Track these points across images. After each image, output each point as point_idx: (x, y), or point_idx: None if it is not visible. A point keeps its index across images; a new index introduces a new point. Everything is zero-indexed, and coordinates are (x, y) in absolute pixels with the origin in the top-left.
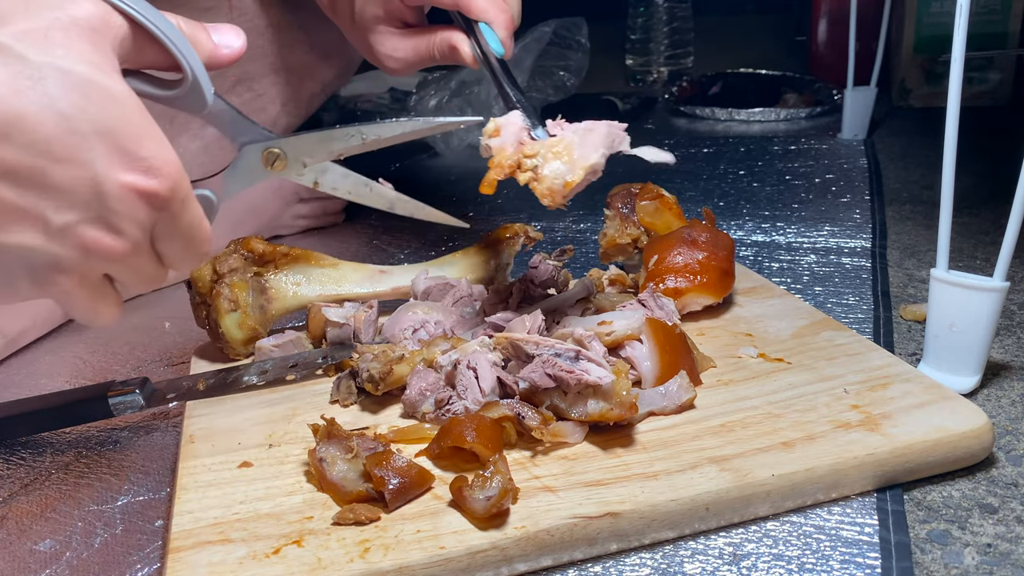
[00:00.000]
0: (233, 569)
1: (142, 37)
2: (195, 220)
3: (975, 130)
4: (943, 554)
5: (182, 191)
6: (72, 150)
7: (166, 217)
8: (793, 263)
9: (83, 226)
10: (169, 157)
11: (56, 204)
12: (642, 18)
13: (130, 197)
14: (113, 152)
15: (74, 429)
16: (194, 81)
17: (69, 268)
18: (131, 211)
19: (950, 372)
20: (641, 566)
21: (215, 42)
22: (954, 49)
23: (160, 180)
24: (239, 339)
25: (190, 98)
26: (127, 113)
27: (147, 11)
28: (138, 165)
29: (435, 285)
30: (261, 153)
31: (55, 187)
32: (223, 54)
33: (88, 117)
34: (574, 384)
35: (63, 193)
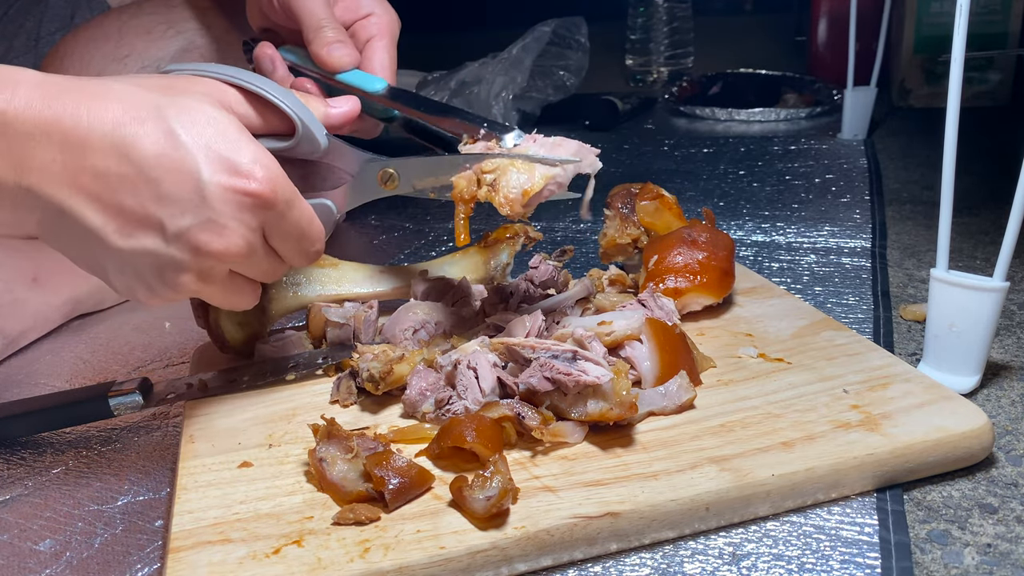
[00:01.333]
0: (233, 569)
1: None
2: (304, 219)
3: (975, 130)
4: (943, 554)
5: (284, 192)
6: (179, 162)
7: (273, 216)
8: (793, 263)
9: (195, 230)
10: (266, 162)
11: (170, 211)
12: (642, 18)
13: (233, 199)
14: (214, 161)
15: (74, 429)
16: (305, 130)
17: (189, 268)
18: (236, 212)
19: (950, 372)
20: (641, 566)
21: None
22: (954, 49)
23: (259, 182)
24: (239, 339)
25: (307, 144)
26: (226, 129)
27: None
28: (237, 170)
29: (435, 285)
30: (377, 172)
31: (167, 195)
32: (334, 113)
33: (192, 133)
34: (572, 386)
35: (175, 200)
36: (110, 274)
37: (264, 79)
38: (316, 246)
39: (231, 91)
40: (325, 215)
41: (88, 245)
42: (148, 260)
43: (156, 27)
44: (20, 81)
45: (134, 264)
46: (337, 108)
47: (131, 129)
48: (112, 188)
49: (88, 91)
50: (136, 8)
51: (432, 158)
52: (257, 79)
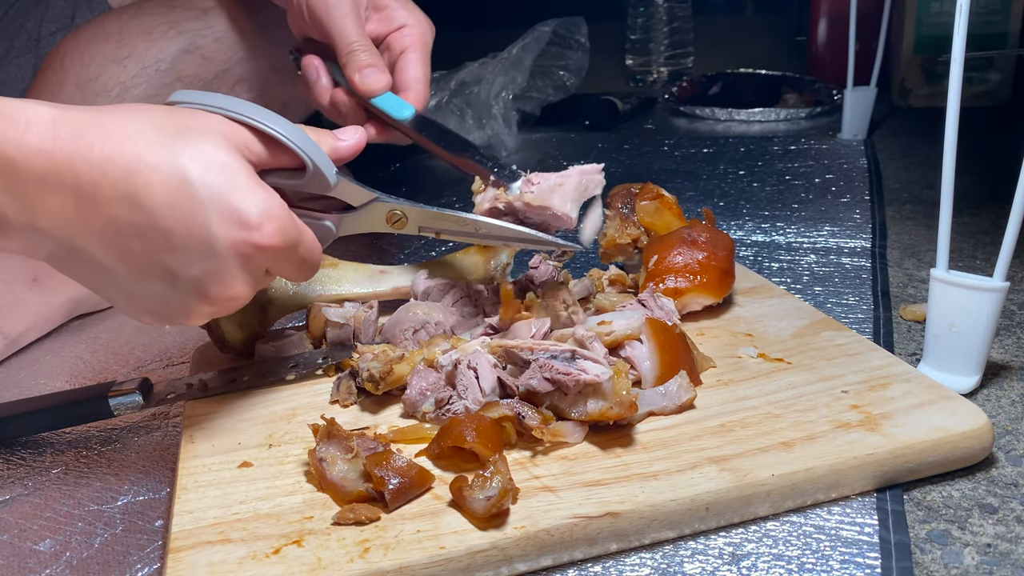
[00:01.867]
0: (233, 569)
1: (271, 142)
2: (306, 253)
3: (975, 130)
4: (943, 554)
5: (291, 237)
6: (191, 213)
7: (279, 260)
8: (793, 263)
9: (204, 281)
10: (275, 212)
11: (180, 261)
12: (642, 18)
13: (241, 252)
14: (224, 212)
15: (74, 429)
16: (315, 169)
17: (194, 310)
18: (243, 264)
19: (950, 372)
20: (641, 566)
21: (337, 138)
22: (954, 49)
23: (267, 236)
24: (239, 339)
25: (317, 182)
26: (237, 177)
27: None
28: (246, 223)
29: (435, 285)
30: (386, 213)
31: (178, 247)
32: (342, 147)
33: (205, 183)
34: (572, 385)
35: (184, 252)
36: (117, 301)
37: (274, 115)
38: (314, 269)
39: (243, 130)
40: (324, 235)
41: (98, 277)
42: (156, 299)
43: (157, 27)
44: (32, 121)
45: (142, 299)
46: (345, 141)
47: (144, 177)
48: (124, 236)
49: (102, 131)
50: (137, 8)
51: (439, 212)
52: (267, 115)
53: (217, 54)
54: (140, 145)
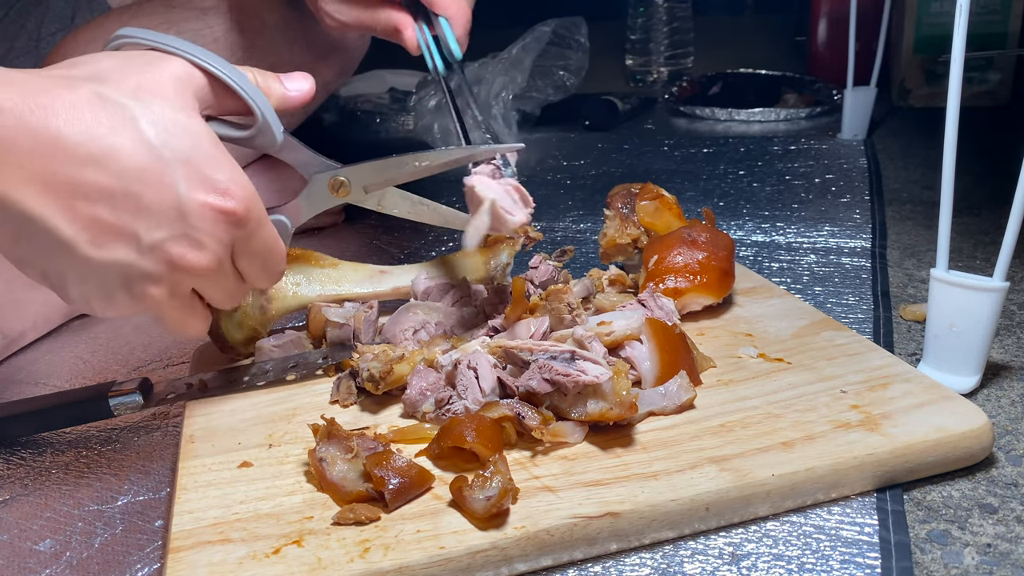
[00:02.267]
0: (233, 569)
1: (219, 88)
2: (270, 240)
3: (975, 130)
4: (943, 554)
5: (256, 211)
6: (159, 175)
7: (243, 235)
8: (793, 263)
9: (170, 243)
10: (241, 181)
11: (147, 223)
12: (642, 18)
13: (209, 215)
14: (193, 177)
15: (74, 429)
16: (264, 122)
17: (159, 280)
18: (211, 228)
19: (950, 372)
20: (641, 566)
21: (286, 87)
22: (954, 49)
23: (235, 201)
24: (239, 339)
25: (262, 137)
26: (204, 144)
27: (222, 65)
28: (214, 187)
29: (435, 285)
30: (327, 181)
31: (146, 208)
32: (292, 96)
33: (172, 147)
34: (572, 386)
35: (152, 213)
36: (69, 284)
37: (221, 60)
38: (280, 266)
39: (196, 73)
40: (282, 231)
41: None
42: (117, 271)
43: (156, 28)
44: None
45: (101, 275)
46: (295, 88)
47: (108, 141)
48: (88, 198)
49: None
50: (136, 9)
51: (374, 161)
52: (215, 59)
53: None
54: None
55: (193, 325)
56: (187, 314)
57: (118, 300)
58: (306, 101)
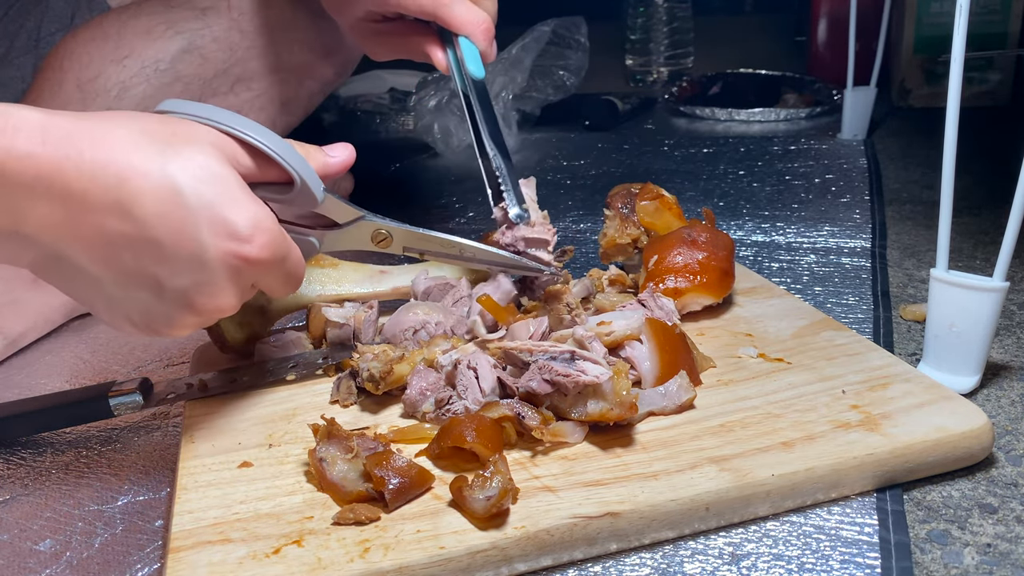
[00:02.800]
0: (233, 569)
1: (259, 156)
2: (293, 267)
3: (975, 130)
4: (943, 554)
5: (280, 251)
6: (181, 223)
7: (267, 273)
8: (793, 263)
9: (192, 291)
10: (265, 224)
11: (169, 271)
12: (642, 18)
13: (230, 263)
14: (214, 223)
15: (74, 429)
16: (303, 185)
17: (179, 321)
18: (232, 276)
19: (950, 372)
20: (641, 566)
21: (327, 154)
22: (954, 49)
23: (257, 248)
24: (239, 339)
25: (304, 198)
26: (227, 187)
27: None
28: (237, 235)
29: (435, 285)
30: (371, 232)
31: (167, 257)
32: (332, 163)
33: (199, 193)
34: (572, 387)
35: (174, 262)
36: (99, 309)
37: (263, 129)
38: (298, 284)
39: (232, 142)
40: (308, 250)
41: (81, 285)
42: (140, 308)
43: (156, 27)
44: (20, 126)
45: (125, 308)
46: (335, 158)
47: (135, 184)
48: (112, 244)
49: (91, 137)
50: (136, 8)
51: (424, 233)
52: (256, 128)
53: (216, 54)
54: (130, 152)
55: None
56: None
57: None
58: (347, 167)
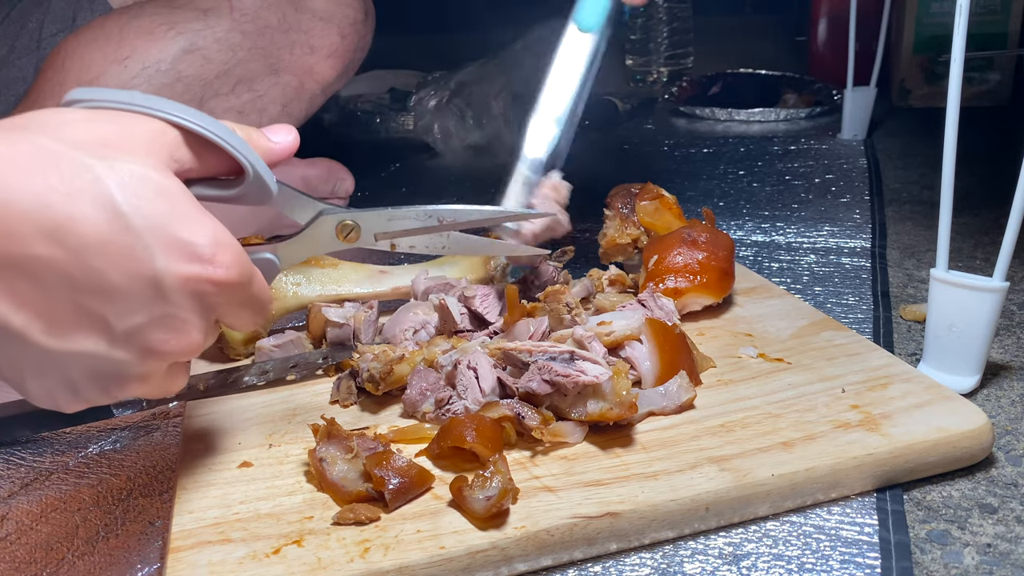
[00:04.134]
0: (233, 569)
1: (199, 145)
2: (260, 291)
3: (975, 130)
4: (943, 554)
5: (247, 269)
6: (128, 248)
7: (235, 299)
8: (793, 263)
9: (149, 329)
10: (226, 241)
11: (118, 308)
12: (642, 18)
13: (194, 289)
14: (170, 245)
15: (74, 429)
16: (255, 176)
17: (137, 372)
18: (195, 304)
19: (950, 372)
20: (641, 566)
21: (270, 139)
22: (954, 49)
23: (223, 268)
24: (239, 339)
25: (254, 193)
26: (181, 206)
27: (201, 120)
28: (197, 256)
29: (435, 285)
30: (336, 226)
31: (114, 290)
32: (277, 149)
33: (144, 213)
34: (571, 387)
35: (124, 295)
36: (26, 378)
37: (200, 114)
38: (267, 311)
39: (170, 131)
40: (268, 269)
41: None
42: (84, 364)
43: (157, 28)
44: None
45: (63, 368)
46: (278, 142)
47: (66, 209)
48: (39, 279)
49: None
50: (138, 9)
51: (389, 209)
52: (194, 114)
53: (218, 54)
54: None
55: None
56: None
57: (84, 394)
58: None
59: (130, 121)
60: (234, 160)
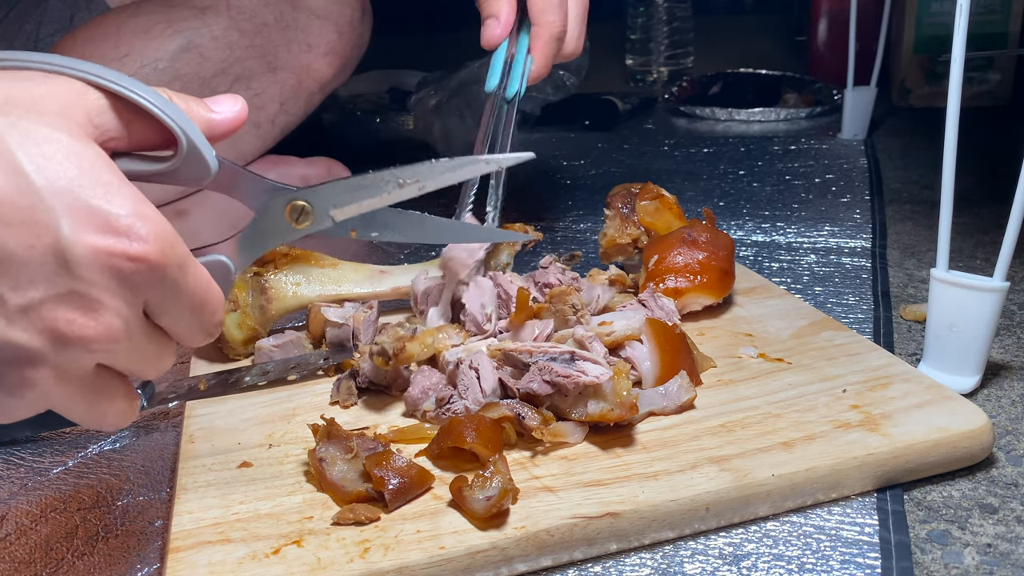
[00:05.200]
0: (233, 569)
1: (126, 112)
2: (201, 286)
3: (975, 130)
4: (943, 554)
5: (177, 254)
6: (28, 211)
7: (162, 288)
8: (793, 263)
9: (51, 305)
10: (149, 215)
11: (12, 279)
12: (642, 18)
13: (107, 264)
14: (81, 213)
15: (74, 429)
16: (190, 147)
17: (40, 360)
18: (110, 281)
19: (950, 372)
20: (641, 566)
21: (212, 110)
22: (954, 49)
23: (143, 242)
24: (239, 339)
25: (190, 169)
26: (96, 171)
27: (129, 84)
28: (111, 226)
29: (435, 285)
30: (285, 208)
31: (10, 257)
32: (218, 120)
33: (48, 175)
34: (572, 387)
35: (20, 264)
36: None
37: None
38: (216, 317)
39: (92, 93)
40: (222, 275)
41: None
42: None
43: (155, 26)
44: None
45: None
46: (221, 113)
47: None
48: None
49: None
50: (135, 8)
51: (345, 180)
52: (119, 77)
53: (215, 52)
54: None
55: (112, 412)
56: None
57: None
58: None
59: (44, 80)
60: (168, 132)
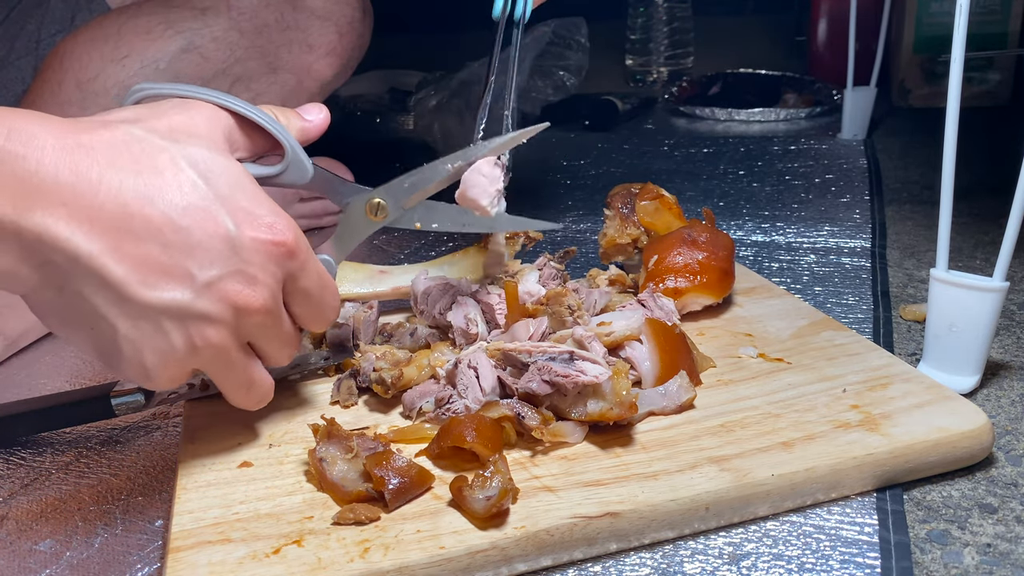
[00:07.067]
0: (233, 569)
1: (246, 128)
2: (321, 276)
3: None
4: (943, 554)
5: (304, 245)
6: (207, 211)
7: (295, 270)
8: (793, 263)
9: (226, 279)
10: (283, 215)
11: (199, 260)
12: (642, 18)
13: (262, 249)
14: (239, 213)
15: (74, 429)
16: (294, 156)
17: (217, 322)
18: (264, 262)
19: (950, 372)
20: (641, 566)
21: (304, 118)
22: (954, 49)
23: (283, 233)
24: None
25: (293, 172)
26: (243, 183)
27: (246, 105)
28: (261, 223)
29: (435, 285)
30: (364, 206)
31: (197, 244)
32: (310, 127)
33: (214, 186)
34: (571, 387)
35: (205, 249)
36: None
37: (243, 101)
38: (335, 300)
39: (222, 115)
40: (329, 271)
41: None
42: (172, 313)
43: (155, 27)
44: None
45: (155, 320)
46: (311, 120)
47: (153, 178)
48: (137, 236)
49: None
50: (136, 8)
51: (410, 173)
52: (234, 99)
53: (215, 53)
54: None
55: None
56: (247, 371)
57: (175, 350)
58: (322, 132)
59: (184, 107)
60: (274, 140)
